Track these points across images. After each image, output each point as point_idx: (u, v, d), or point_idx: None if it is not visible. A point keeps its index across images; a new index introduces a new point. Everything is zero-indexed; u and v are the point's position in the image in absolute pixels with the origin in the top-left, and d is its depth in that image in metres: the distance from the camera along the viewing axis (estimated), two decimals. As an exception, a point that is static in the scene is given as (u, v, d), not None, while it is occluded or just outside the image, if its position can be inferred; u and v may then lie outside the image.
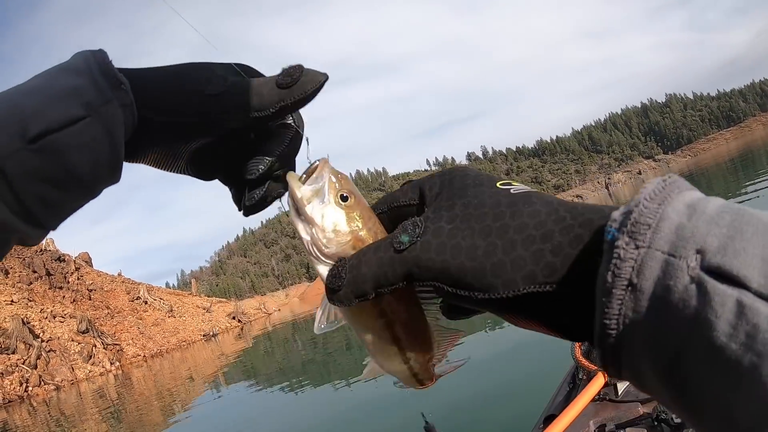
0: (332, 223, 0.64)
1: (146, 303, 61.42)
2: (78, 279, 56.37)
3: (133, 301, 60.43)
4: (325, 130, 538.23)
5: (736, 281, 0.37)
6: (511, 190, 0.56)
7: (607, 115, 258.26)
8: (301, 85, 0.69)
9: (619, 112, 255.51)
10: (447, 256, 0.54)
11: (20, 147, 0.57)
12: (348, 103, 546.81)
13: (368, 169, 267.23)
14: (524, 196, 0.55)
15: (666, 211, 0.42)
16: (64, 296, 52.08)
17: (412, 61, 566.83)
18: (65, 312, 46.63)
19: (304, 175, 0.66)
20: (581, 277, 0.47)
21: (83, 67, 0.64)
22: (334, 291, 0.61)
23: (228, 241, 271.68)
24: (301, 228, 0.65)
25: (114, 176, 0.67)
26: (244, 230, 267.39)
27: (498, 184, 0.58)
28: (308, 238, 0.64)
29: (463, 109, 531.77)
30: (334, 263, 0.62)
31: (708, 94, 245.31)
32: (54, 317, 44.70)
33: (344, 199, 0.65)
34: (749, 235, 0.38)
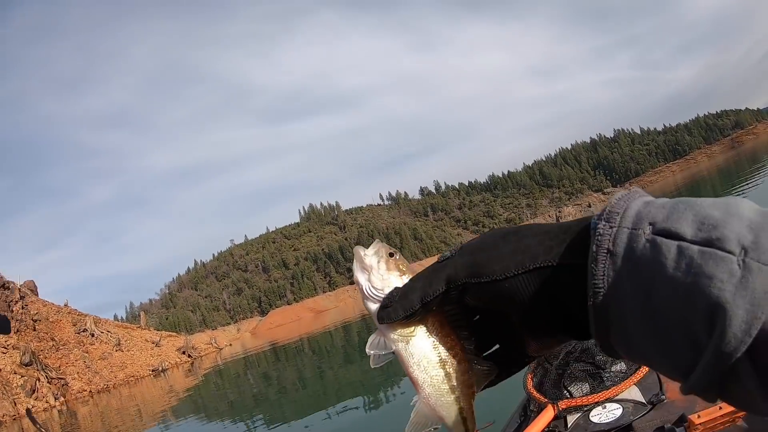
0: (385, 269, 0.85)
1: (93, 335, 59.85)
2: (22, 308, 54.51)
3: (79, 333, 58.82)
4: (280, 162, 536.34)
5: (676, 236, 0.57)
6: None
7: (558, 150, 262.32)
8: None
9: (569, 147, 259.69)
10: (476, 255, 0.75)
11: None
12: (301, 136, 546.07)
13: (321, 203, 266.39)
14: None
15: (630, 205, 0.64)
16: (6, 326, 50.50)
17: (366, 96, 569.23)
18: (8, 342, 45.24)
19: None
20: (573, 254, 0.68)
21: None
22: (384, 307, 0.81)
23: (179, 273, 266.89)
24: (361, 276, 0.86)
25: None
26: (196, 263, 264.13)
27: None
28: (367, 282, 0.84)
29: (416, 144, 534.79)
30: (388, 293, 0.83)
31: (655, 128, 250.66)
32: (-4, 348, 43.34)
33: (392, 255, 0.87)
34: (683, 208, 0.59)
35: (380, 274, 0.84)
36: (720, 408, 2.47)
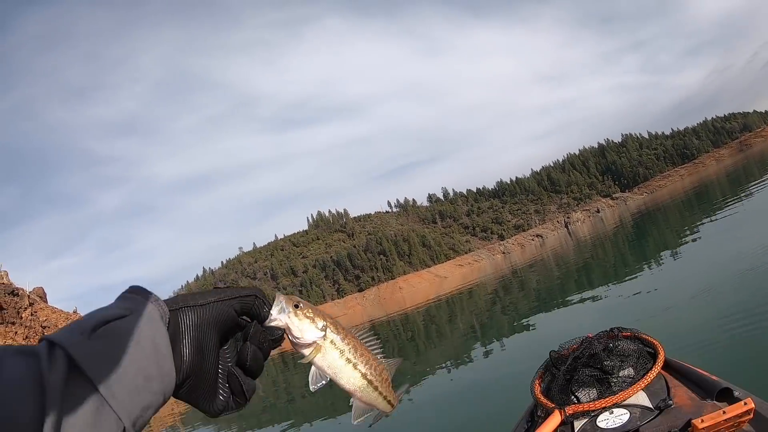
0: (298, 322, 1.05)
1: (102, 344, 59.68)
2: (31, 315, 54.52)
3: (88, 342, 58.65)
4: (287, 170, 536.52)
5: None
6: None
7: (565, 156, 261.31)
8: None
9: (577, 152, 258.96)
10: None
11: (81, 339, 0.75)
12: (309, 144, 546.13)
13: (329, 211, 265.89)
14: None
15: None
16: (16, 332, 50.39)
17: (373, 103, 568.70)
18: (16, 351, 45.13)
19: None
20: None
21: (125, 295, 0.89)
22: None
23: (187, 281, 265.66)
24: (284, 331, 1.05)
25: (171, 366, 0.85)
26: (204, 270, 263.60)
27: None
28: (291, 338, 1.06)
29: (423, 151, 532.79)
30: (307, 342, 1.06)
31: (662, 132, 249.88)
32: (5, 356, 43.26)
33: (297, 306, 1.06)
34: None
35: (297, 330, 1.05)
36: (724, 413, 2.46)
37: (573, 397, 3.13)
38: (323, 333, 1.08)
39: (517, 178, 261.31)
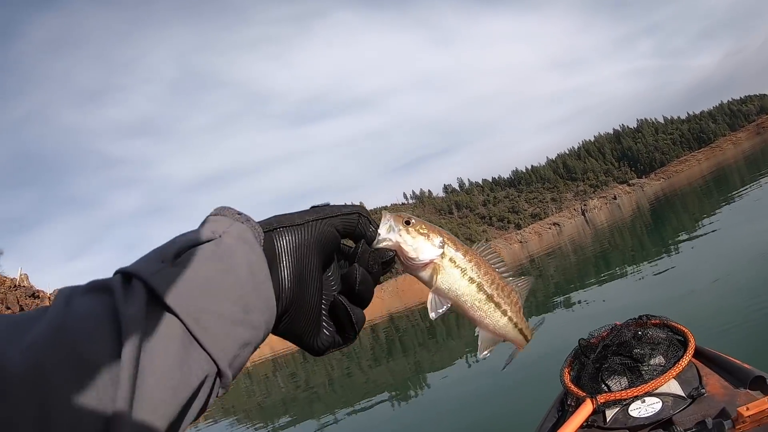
0: (411, 241, 0.92)
1: (123, 342, 60.17)
2: (53, 318, 55.09)
3: (109, 340, 59.19)
4: (302, 166, 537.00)
5: None
6: None
7: (581, 143, 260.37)
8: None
9: (592, 139, 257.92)
10: None
11: (162, 267, 0.66)
12: (323, 139, 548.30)
13: (345, 204, 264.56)
14: None
15: None
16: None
17: (386, 95, 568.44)
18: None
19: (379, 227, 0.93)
20: None
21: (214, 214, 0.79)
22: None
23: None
24: (396, 253, 0.92)
25: (267, 294, 0.74)
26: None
27: None
28: (403, 258, 0.93)
29: (438, 142, 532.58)
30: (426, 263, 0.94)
31: (678, 117, 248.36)
32: (28, 358, 43.83)
33: (408, 222, 0.94)
34: None
35: (410, 248, 0.92)
36: (768, 400, 2.43)
37: (604, 385, 3.10)
38: (441, 250, 0.94)
39: (532, 166, 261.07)
